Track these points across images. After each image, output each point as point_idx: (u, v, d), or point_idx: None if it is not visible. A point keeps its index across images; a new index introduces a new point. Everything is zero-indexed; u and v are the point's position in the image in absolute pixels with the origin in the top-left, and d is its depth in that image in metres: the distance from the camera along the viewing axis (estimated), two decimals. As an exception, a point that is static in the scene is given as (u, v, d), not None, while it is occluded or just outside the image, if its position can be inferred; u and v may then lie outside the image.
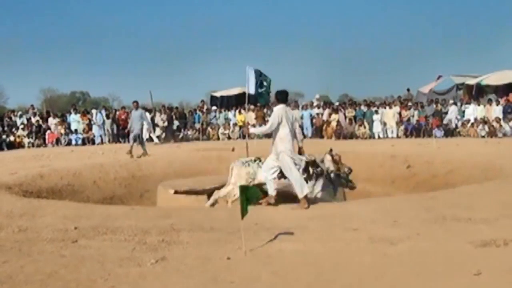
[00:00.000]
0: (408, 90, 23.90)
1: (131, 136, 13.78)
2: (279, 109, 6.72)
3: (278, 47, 68.26)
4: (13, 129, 19.95)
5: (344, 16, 71.41)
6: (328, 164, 7.51)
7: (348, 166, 7.68)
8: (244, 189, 4.58)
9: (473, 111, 18.84)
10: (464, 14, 66.83)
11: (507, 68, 22.13)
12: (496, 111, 18.54)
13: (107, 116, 20.20)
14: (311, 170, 7.31)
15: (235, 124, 20.70)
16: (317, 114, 19.95)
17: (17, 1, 67.06)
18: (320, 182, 7.37)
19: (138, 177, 11.68)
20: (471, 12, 67.08)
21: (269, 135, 7.10)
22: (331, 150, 7.77)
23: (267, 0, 75.47)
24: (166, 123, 19.63)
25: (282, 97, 6.90)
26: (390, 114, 19.19)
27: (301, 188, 6.51)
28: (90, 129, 19.81)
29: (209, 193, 8.31)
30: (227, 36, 73.71)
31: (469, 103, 19.54)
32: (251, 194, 4.59)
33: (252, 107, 20.65)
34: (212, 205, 7.94)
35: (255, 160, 7.80)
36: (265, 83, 10.49)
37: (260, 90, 10.64)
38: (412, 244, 4.47)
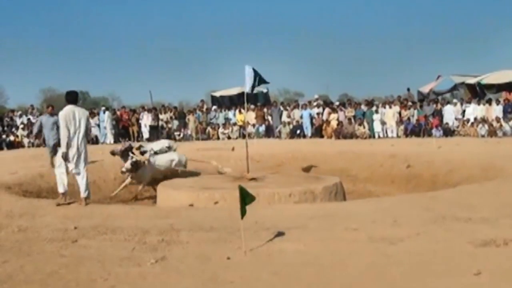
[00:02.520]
0: (408, 89, 23.89)
1: (47, 148, 11.65)
2: (65, 111, 7.02)
3: (278, 47, 68.21)
4: (13, 129, 19.94)
5: (344, 16, 71.42)
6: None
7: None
8: (242, 190, 4.58)
9: (473, 110, 18.83)
10: (464, 14, 66.84)
11: (507, 68, 22.11)
12: (496, 110, 18.53)
13: (112, 116, 20.23)
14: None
15: (235, 124, 20.69)
16: (317, 113, 19.94)
17: (17, 1, 67.03)
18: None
19: (138, 176, 11.68)
20: (471, 12, 67.11)
21: (268, 135, 7.15)
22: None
23: (267, 0, 75.47)
24: (155, 122, 19.69)
25: (71, 97, 7.24)
26: (390, 114, 19.17)
27: (61, 185, 6.96)
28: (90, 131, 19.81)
29: None
30: (227, 36, 73.68)
31: (470, 103, 19.54)
32: (248, 195, 4.57)
33: (252, 106, 20.64)
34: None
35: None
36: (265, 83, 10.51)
37: (264, 91, 10.70)
38: (412, 244, 4.47)
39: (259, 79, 10.13)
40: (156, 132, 19.74)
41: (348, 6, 72.33)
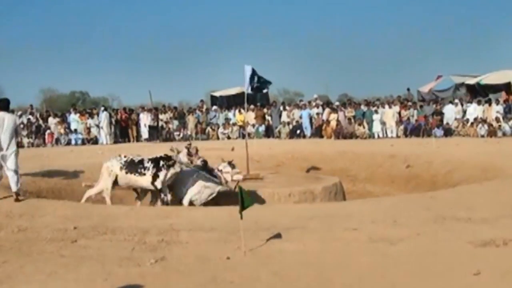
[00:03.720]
0: (408, 90, 23.90)
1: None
2: None
3: (278, 46, 68.07)
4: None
5: (344, 16, 71.31)
6: (182, 157, 7.73)
7: (203, 158, 7.93)
8: (241, 190, 4.59)
9: (474, 110, 18.83)
10: (464, 14, 66.74)
11: (507, 68, 22.11)
12: (495, 110, 18.54)
13: (111, 117, 20.17)
14: (161, 163, 7.72)
15: (234, 124, 20.68)
16: (317, 114, 19.94)
17: (17, 1, 66.98)
18: (169, 173, 7.69)
19: (137, 177, 11.68)
20: (471, 12, 67.04)
21: (268, 135, 7.16)
22: (189, 144, 8.06)
23: (267, 0, 75.44)
24: (154, 123, 19.69)
25: (2, 104, 7.57)
26: (389, 114, 19.16)
27: (15, 184, 7.29)
28: (90, 131, 19.72)
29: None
30: (227, 36, 73.58)
31: (471, 103, 19.55)
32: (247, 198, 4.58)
33: (252, 107, 20.63)
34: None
35: (115, 157, 8.14)
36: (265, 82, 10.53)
37: (263, 91, 10.69)
38: (412, 244, 4.47)
39: (261, 80, 10.13)
40: (155, 132, 19.74)
41: (348, 6, 72.32)
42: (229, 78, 50.48)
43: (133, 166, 7.83)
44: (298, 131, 19.49)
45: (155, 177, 7.65)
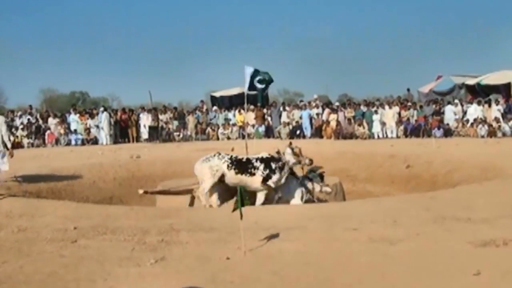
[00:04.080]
0: (408, 90, 23.89)
1: None
2: None
3: (278, 46, 68.13)
4: (13, 129, 19.92)
5: (344, 16, 71.39)
6: (289, 157, 7.58)
7: (309, 157, 7.77)
8: (240, 190, 4.59)
9: (474, 110, 18.84)
10: (464, 14, 66.80)
11: (507, 68, 22.12)
12: (495, 111, 18.54)
13: (111, 117, 20.13)
14: (273, 165, 7.47)
15: (234, 124, 20.68)
16: (317, 114, 19.95)
17: (17, 1, 67.00)
18: (284, 175, 7.45)
19: (138, 177, 11.68)
20: (471, 12, 67.07)
21: (268, 135, 7.18)
22: (290, 143, 7.88)
23: (267, 0, 75.48)
24: (155, 123, 19.68)
25: None
26: (389, 114, 19.18)
27: None
28: (90, 132, 19.70)
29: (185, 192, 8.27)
30: (227, 36, 73.60)
31: (471, 103, 19.55)
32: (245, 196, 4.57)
33: (252, 107, 20.64)
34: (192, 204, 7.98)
35: (214, 155, 7.81)
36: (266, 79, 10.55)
37: (260, 87, 10.69)
38: (412, 244, 4.47)
39: (266, 79, 10.14)
40: (155, 133, 19.74)
41: (348, 6, 72.35)
42: (229, 79, 50.63)
43: (242, 165, 7.48)
44: (298, 132, 19.49)
45: (267, 178, 7.36)
